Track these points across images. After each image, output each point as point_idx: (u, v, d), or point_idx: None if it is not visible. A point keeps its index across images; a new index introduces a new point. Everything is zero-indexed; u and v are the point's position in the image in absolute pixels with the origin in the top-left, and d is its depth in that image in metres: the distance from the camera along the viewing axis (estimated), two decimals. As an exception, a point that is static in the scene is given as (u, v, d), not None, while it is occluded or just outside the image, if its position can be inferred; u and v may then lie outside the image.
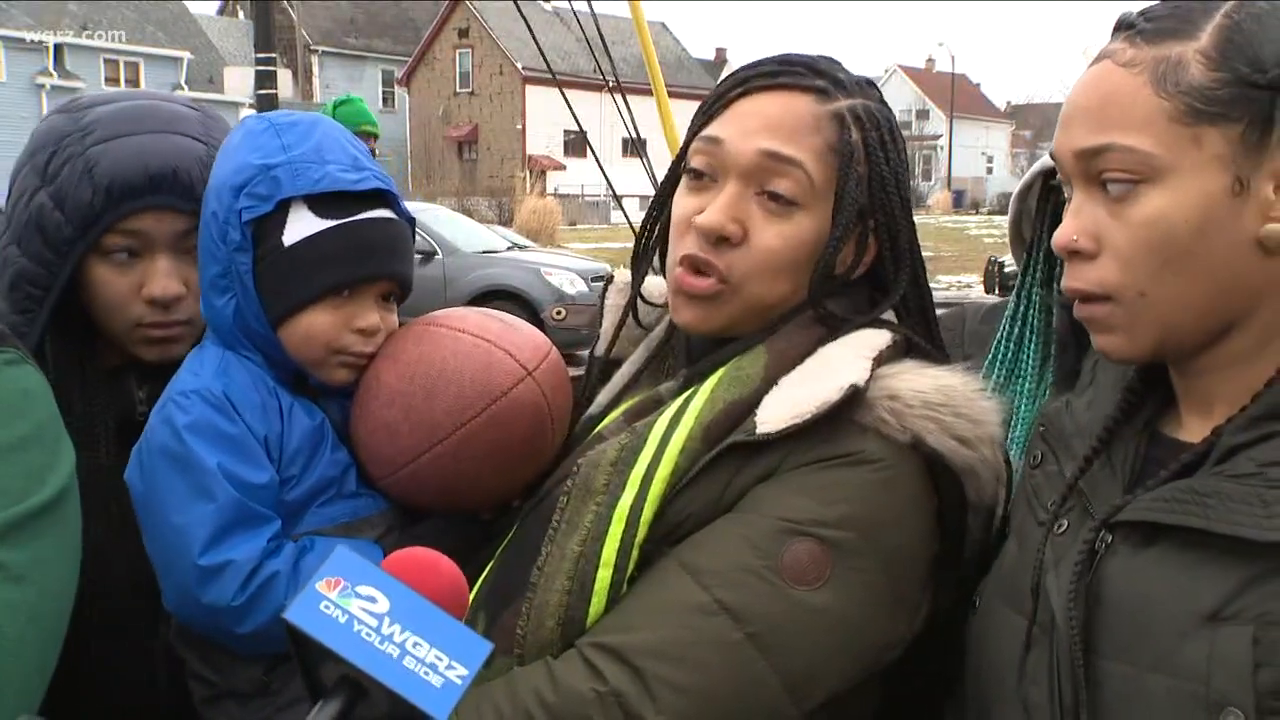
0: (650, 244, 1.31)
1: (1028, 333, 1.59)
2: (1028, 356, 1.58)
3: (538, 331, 1.37)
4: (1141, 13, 0.98)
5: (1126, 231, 0.94)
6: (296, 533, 1.27)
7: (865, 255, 1.20)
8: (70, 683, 1.22)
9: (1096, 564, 0.95)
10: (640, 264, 1.33)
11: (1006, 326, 1.62)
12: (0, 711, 0.92)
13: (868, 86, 1.23)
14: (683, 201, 1.21)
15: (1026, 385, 1.55)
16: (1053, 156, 1.02)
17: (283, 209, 1.27)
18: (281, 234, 1.27)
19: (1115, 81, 0.95)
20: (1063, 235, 0.99)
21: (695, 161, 1.21)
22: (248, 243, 1.27)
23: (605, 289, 1.43)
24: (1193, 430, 1.00)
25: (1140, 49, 0.95)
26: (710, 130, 1.20)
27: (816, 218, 1.16)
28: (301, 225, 1.27)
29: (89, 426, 1.41)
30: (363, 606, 0.90)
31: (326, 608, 0.89)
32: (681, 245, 1.20)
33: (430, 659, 0.88)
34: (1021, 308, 1.60)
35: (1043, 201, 1.59)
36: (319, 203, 1.27)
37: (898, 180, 1.20)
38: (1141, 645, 0.90)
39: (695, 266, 1.18)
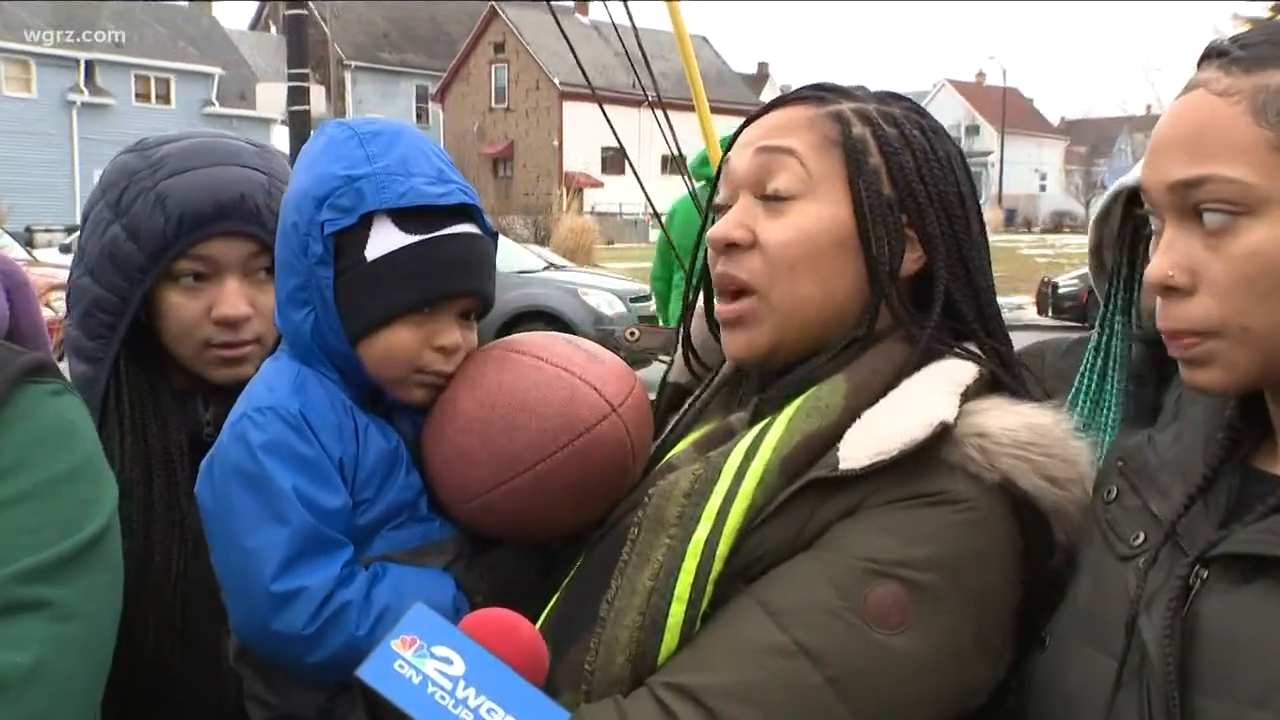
0: (695, 292, 1.34)
1: (1111, 364, 1.54)
2: (1112, 388, 1.53)
3: (622, 363, 1.35)
4: (1234, 40, 0.97)
5: (1226, 265, 0.94)
6: (366, 556, 1.26)
7: (906, 251, 1.19)
8: (148, 704, 1.41)
9: (1191, 600, 0.95)
10: (687, 314, 1.37)
11: (1090, 358, 1.57)
12: None
13: (890, 98, 1.25)
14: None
15: (1111, 416, 1.50)
16: (1140, 188, 1.01)
17: (365, 222, 1.26)
18: (364, 248, 1.26)
19: (1211, 111, 0.94)
20: (1157, 272, 0.97)
21: (718, 197, 1.25)
22: (329, 256, 1.26)
23: (688, 314, 1.44)
24: None
25: (1237, 77, 0.94)
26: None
27: (821, 205, 1.18)
28: (385, 239, 1.26)
29: (165, 448, 1.51)
30: (438, 668, 0.92)
31: (401, 667, 0.91)
32: (714, 274, 1.23)
33: None
34: (1105, 338, 1.55)
35: (1123, 226, 1.53)
36: (403, 216, 1.26)
37: (923, 173, 1.19)
38: (1244, 681, 0.89)
39: (725, 289, 1.21)
